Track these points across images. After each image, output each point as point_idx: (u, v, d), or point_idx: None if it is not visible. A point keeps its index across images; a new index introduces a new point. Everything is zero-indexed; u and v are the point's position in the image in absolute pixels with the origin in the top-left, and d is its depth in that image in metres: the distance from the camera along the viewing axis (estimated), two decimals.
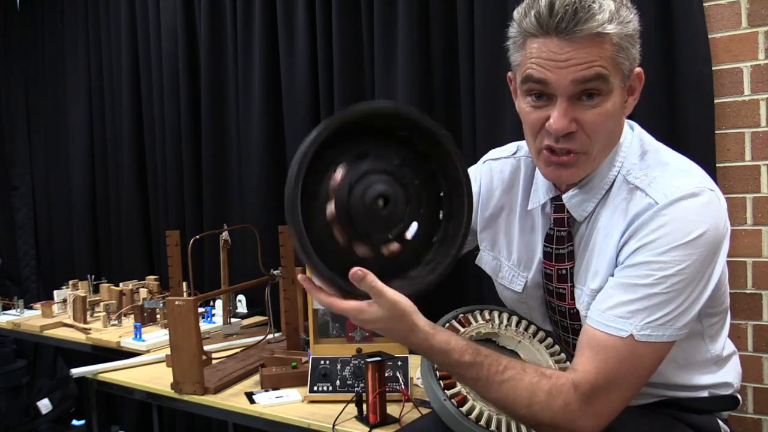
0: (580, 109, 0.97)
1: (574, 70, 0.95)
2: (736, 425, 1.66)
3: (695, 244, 0.95)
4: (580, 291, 1.09)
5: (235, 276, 2.32)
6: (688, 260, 0.95)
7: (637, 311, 0.96)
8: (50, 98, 3.39)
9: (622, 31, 0.96)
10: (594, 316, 0.99)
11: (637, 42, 0.99)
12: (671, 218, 0.96)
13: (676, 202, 0.97)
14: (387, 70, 2.11)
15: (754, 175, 1.65)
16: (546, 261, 1.14)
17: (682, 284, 0.95)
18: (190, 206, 2.71)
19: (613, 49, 0.95)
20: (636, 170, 1.04)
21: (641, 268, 0.97)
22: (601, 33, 0.93)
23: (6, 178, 3.53)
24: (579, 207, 1.08)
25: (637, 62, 1.01)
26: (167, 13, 2.74)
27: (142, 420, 3.00)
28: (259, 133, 2.45)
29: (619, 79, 0.98)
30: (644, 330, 0.95)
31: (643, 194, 1.00)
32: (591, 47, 0.94)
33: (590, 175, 1.06)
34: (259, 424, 1.51)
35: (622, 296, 0.97)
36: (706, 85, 1.63)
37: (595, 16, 0.93)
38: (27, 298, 3.02)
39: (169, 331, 1.61)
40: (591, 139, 0.99)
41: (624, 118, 1.06)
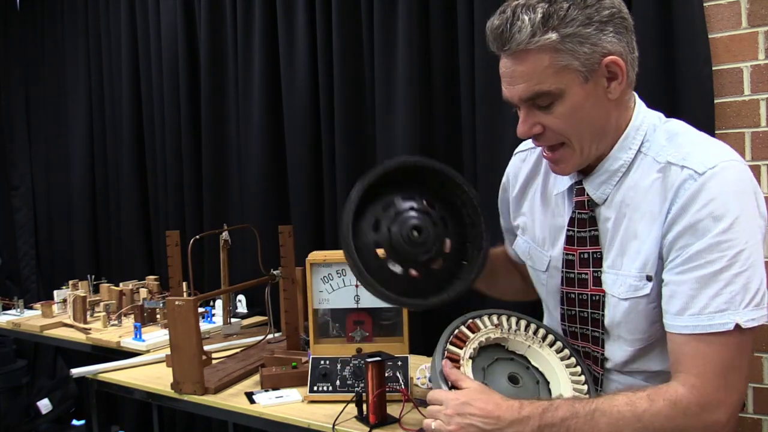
0: (540, 115, 1.04)
1: (518, 90, 1.02)
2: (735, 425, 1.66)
3: (751, 210, 0.96)
4: (615, 276, 1.08)
5: (235, 276, 2.32)
6: (750, 229, 0.95)
7: (731, 299, 0.94)
8: (50, 98, 3.39)
9: (560, 33, 0.97)
10: (688, 323, 0.97)
11: (593, 35, 0.98)
12: (719, 189, 0.95)
13: (716, 169, 0.97)
14: (387, 70, 2.11)
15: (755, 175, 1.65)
16: (568, 246, 1.15)
17: (754, 255, 0.95)
18: (190, 206, 2.72)
19: (549, 58, 0.98)
20: (666, 149, 1.04)
21: (709, 253, 0.95)
22: (528, 48, 0.98)
23: (6, 178, 3.53)
24: (597, 190, 1.10)
25: (607, 50, 1.00)
26: (167, 14, 2.74)
27: (142, 420, 3.00)
28: (259, 133, 2.46)
29: (572, 77, 1.00)
30: (746, 315, 0.94)
31: (678, 168, 1.00)
32: (526, 62, 1.00)
33: (603, 160, 1.09)
34: (259, 424, 1.51)
35: (708, 291, 0.95)
36: (706, 85, 1.63)
37: (515, 35, 0.98)
38: (27, 298, 3.03)
39: (169, 331, 1.60)
40: (563, 135, 1.05)
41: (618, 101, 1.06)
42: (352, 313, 1.56)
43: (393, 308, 1.56)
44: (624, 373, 1.13)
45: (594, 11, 0.98)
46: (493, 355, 1.17)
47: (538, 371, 1.16)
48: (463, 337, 1.15)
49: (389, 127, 2.12)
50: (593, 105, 1.03)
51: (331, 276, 1.55)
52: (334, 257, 1.55)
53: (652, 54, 1.67)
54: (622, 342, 1.11)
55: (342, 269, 1.55)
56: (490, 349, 1.18)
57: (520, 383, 1.11)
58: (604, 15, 0.99)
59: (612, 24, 1.00)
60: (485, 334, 1.17)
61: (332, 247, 2.26)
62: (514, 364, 1.16)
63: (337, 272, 1.55)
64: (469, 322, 1.19)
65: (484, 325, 1.19)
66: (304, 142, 2.34)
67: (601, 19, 0.99)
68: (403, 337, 1.54)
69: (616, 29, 1.00)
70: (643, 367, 1.11)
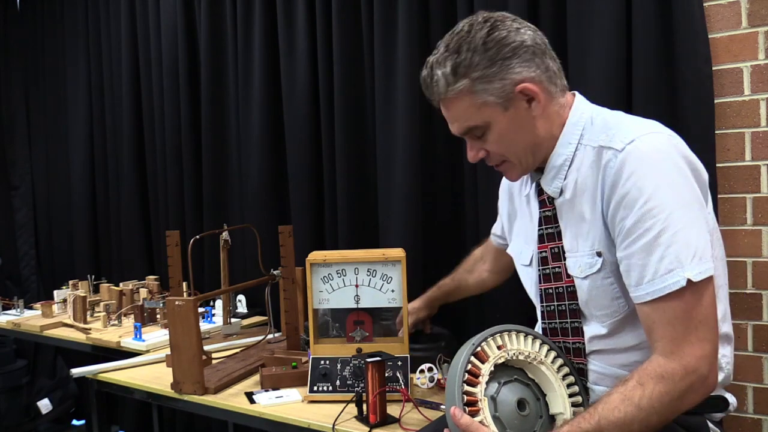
0: (479, 142, 1.20)
1: (454, 128, 1.21)
2: (736, 425, 1.66)
3: (675, 174, 1.04)
4: (574, 258, 1.17)
5: (235, 276, 2.32)
6: (678, 188, 1.03)
7: (676, 257, 1.01)
8: (50, 98, 3.39)
9: (470, 77, 1.12)
10: (647, 290, 1.03)
11: (497, 74, 1.12)
12: (637, 162, 1.04)
13: (634, 143, 1.06)
14: (387, 70, 2.11)
15: (754, 175, 1.65)
16: (540, 245, 1.25)
17: (686, 215, 1.02)
18: (190, 206, 2.72)
19: (469, 99, 1.14)
20: (598, 135, 1.14)
21: (643, 222, 1.03)
22: (447, 98, 1.16)
23: (6, 178, 3.53)
24: (550, 185, 1.21)
25: (518, 79, 1.13)
26: (167, 13, 2.74)
27: (142, 420, 3.00)
28: (259, 133, 2.46)
29: (493, 110, 1.14)
30: (694, 269, 1.00)
31: (606, 149, 1.10)
32: (452, 107, 1.18)
33: (548, 159, 1.20)
34: (259, 424, 1.51)
35: (653, 256, 1.02)
36: (706, 85, 1.63)
37: (434, 89, 1.17)
38: (27, 298, 3.03)
39: (169, 331, 1.61)
40: (502, 155, 1.20)
41: (546, 113, 1.17)
42: (352, 313, 1.56)
43: (393, 308, 1.56)
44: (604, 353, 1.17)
45: (495, 52, 1.11)
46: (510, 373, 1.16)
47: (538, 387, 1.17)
48: (476, 372, 1.12)
49: (389, 127, 2.12)
50: (520, 126, 1.16)
51: (331, 276, 1.55)
52: (334, 257, 1.55)
53: (652, 54, 1.67)
54: (595, 320, 1.17)
55: (342, 269, 1.55)
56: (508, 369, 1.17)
57: (526, 410, 1.12)
58: (506, 52, 1.12)
59: (516, 57, 1.12)
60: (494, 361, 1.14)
61: (332, 247, 2.26)
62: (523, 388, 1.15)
63: (337, 272, 1.55)
64: (478, 351, 1.14)
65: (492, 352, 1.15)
66: (304, 142, 2.34)
67: (503, 56, 1.12)
68: (403, 337, 1.54)
69: (522, 59, 1.13)
70: (620, 344, 1.15)
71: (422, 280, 2.01)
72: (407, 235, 2.05)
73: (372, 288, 1.54)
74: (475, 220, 1.97)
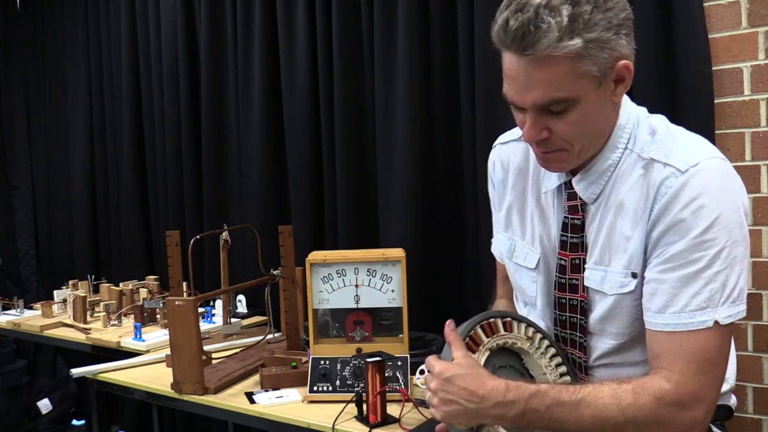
0: (550, 120, 1.00)
1: (532, 95, 0.98)
2: (736, 425, 1.66)
3: (732, 208, 0.97)
4: (603, 272, 1.08)
5: (235, 276, 2.32)
6: (731, 227, 0.97)
7: (710, 297, 0.96)
8: (50, 98, 3.39)
9: (585, 37, 0.94)
10: (670, 320, 0.99)
11: (613, 39, 0.96)
12: (701, 188, 0.97)
13: (699, 167, 0.98)
14: (387, 70, 2.10)
15: (754, 175, 1.65)
16: (562, 251, 1.15)
17: (734, 253, 0.97)
18: (190, 206, 2.72)
19: (570, 64, 0.95)
20: (649, 145, 1.05)
21: (691, 253, 0.97)
22: (552, 55, 0.94)
23: (6, 178, 3.53)
24: (587, 190, 1.10)
25: (622, 53, 0.99)
26: (167, 13, 2.74)
27: (142, 420, 3.00)
28: (259, 133, 2.45)
29: (589, 83, 0.98)
30: (724, 312, 0.97)
31: (661, 165, 1.01)
32: (544, 68, 0.95)
33: (592, 160, 1.08)
34: (259, 424, 1.51)
35: (688, 289, 0.97)
36: (706, 85, 1.63)
37: (541, 40, 0.93)
38: (27, 298, 3.02)
39: (169, 331, 1.61)
40: (568, 141, 1.03)
41: (615, 105, 1.06)
42: (352, 313, 1.56)
43: (393, 308, 1.56)
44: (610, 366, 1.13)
45: (613, 15, 0.96)
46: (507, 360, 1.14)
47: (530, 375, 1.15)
48: (494, 329, 1.12)
49: (389, 127, 2.12)
50: (601, 109, 1.03)
51: (331, 276, 1.55)
52: (334, 257, 1.55)
53: (652, 54, 1.67)
54: (607, 336, 1.12)
55: (342, 269, 1.55)
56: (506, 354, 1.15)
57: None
58: (621, 18, 0.98)
59: (625, 27, 0.99)
60: (514, 338, 1.13)
61: (332, 247, 2.26)
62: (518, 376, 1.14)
63: (337, 272, 1.55)
64: (506, 320, 1.14)
65: (519, 331, 1.14)
66: (304, 141, 2.34)
67: (618, 22, 0.97)
68: (403, 337, 1.54)
69: (627, 32, 1.00)
70: (627, 359, 1.11)
71: (422, 280, 2.02)
72: (407, 235, 2.05)
73: (372, 288, 1.54)
74: (475, 220, 1.97)
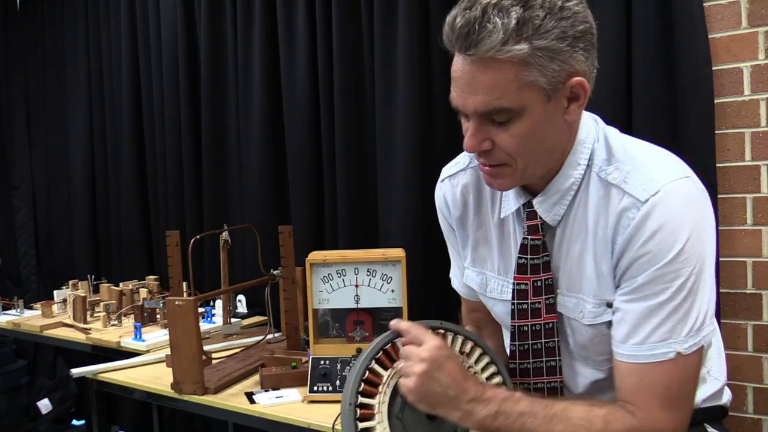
0: (493, 130, 0.94)
1: (474, 101, 0.92)
2: (736, 425, 1.66)
3: (693, 239, 0.92)
4: (576, 300, 1.04)
5: (235, 276, 2.32)
6: (694, 256, 0.93)
7: (672, 329, 0.93)
8: (50, 99, 3.39)
9: (532, 45, 0.87)
10: (631, 351, 0.96)
11: (565, 51, 0.89)
12: (662, 221, 0.92)
13: (659, 195, 0.93)
14: (387, 70, 2.11)
15: (754, 175, 1.65)
16: (520, 275, 1.08)
17: (698, 281, 0.94)
18: (190, 206, 2.72)
19: (515, 71, 0.88)
20: (606, 166, 1.00)
21: (654, 285, 0.94)
22: (496, 58, 0.88)
23: (6, 178, 3.53)
24: (550, 211, 1.04)
25: (575, 70, 0.92)
26: (167, 13, 2.74)
27: (142, 420, 3.00)
28: (259, 133, 2.45)
29: (536, 95, 0.91)
30: (687, 342, 0.94)
31: (619, 191, 0.96)
32: (487, 71, 0.89)
33: (552, 179, 1.03)
34: (259, 424, 1.51)
35: (651, 321, 0.94)
36: (706, 85, 1.63)
37: (484, 40, 0.87)
38: (27, 298, 3.02)
39: (169, 331, 1.61)
40: (511, 156, 0.96)
41: (569, 124, 0.99)
42: (352, 313, 1.56)
43: (393, 308, 1.56)
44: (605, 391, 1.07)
45: (569, 25, 0.89)
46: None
47: None
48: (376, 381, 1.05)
49: (389, 127, 2.12)
50: (549, 126, 0.95)
51: (331, 276, 1.55)
52: (334, 257, 1.55)
53: (652, 54, 1.67)
54: (591, 364, 1.08)
55: (342, 269, 1.55)
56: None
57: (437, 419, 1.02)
58: (579, 30, 0.90)
59: (583, 41, 0.92)
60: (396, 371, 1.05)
61: (332, 247, 2.26)
62: None
63: (337, 272, 1.55)
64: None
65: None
66: (304, 141, 2.34)
67: (575, 34, 0.90)
68: None
69: (586, 47, 0.92)
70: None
71: (422, 280, 2.02)
72: (407, 235, 2.05)
73: (372, 288, 1.54)
74: None
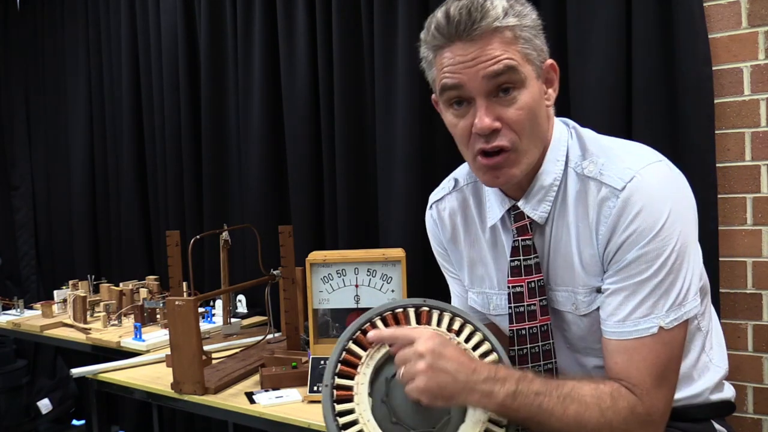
0: (501, 107, 0.99)
1: (483, 66, 0.97)
2: (736, 425, 1.66)
3: (673, 216, 0.97)
4: (568, 293, 1.07)
5: (235, 276, 2.32)
6: (674, 234, 0.97)
7: (654, 304, 0.98)
8: (50, 98, 3.39)
9: (521, 22, 0.99)
10: (615, 329, 1.00)
11: (540, 33, 1.02)
12: (642, 204, 0.97)
13: (636, 184, 0.98)
14: (387, 70, 2.11)
15: (754, 175, 1.65)
16: (514, 278, 1.10)
17: (680, 258, 0.98)
18: (190, 206, 2.72)
19: (516, 41, 0.98)
20: (581, 161, 1.05)
21: (637, 264, 0.98)
22: (500, 27, 0.97)
23: (6, 178, 3.53)
24: (537, 209, 1.08)
25: (547, 54, 1.04)
26: (167, 13, 2.74)
27: (142, 420, 3.00)
28: (259, 133, 2.45)
29: (531, 69, 1.00)
30: (668, 317, 0.97)
31: (597, 183, 1.01)
32: (493, 42, 0.97)
33: (535, 177, 1.07)
34: (259, 424, 1.51)
35: (633, 299, 0.98)
36: (706, 85, 1.63)
37: (489, 12, 0.96)
38: (27, 298, 3.02)
39: (169, 331, 1.61)
40: (517, 134, 1.00)
41: (548, 110, 1.07)
42: (352, 313, 1.56)
43: None
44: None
45: (536, 15, 1.02)
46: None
47: None
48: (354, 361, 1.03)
49: (390, 127, 2.12)
50: (540, 107, 1.03)
51: (331, 276, 1.55)
52: (334, 257, 1.55)
53: (653, 54, 1.67)
54: (592, 354, 1.10)
55: (342, 269, 1.55)
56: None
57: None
58: (539, 22, 1.03)
59: (542, 31, 1.03)
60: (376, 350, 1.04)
61: (332, 247, 2.26)
62: None
63: (337, 272, 1.55)
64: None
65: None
66: (304, 141, 2.34)
67: (535, 19, 1.02)
68: None
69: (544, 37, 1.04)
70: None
71: (422, 280, 2.01)
72: (407, 235, 2.05)
73: (372, 288, 1.54)
74: None
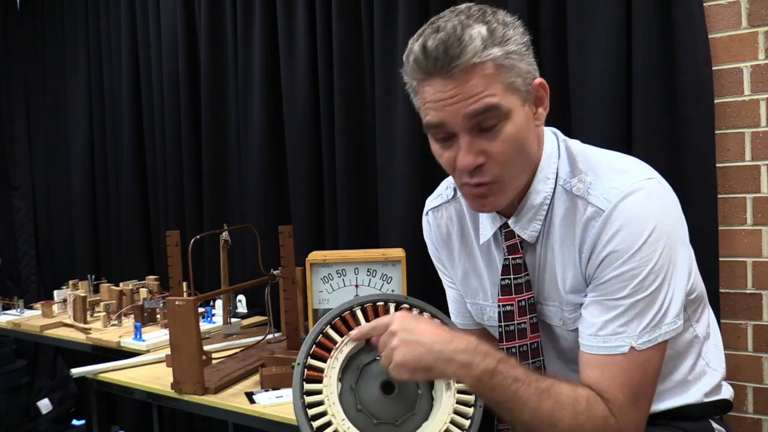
0: (484, 141, 0.96)
1: (463, 105, 0.94)
2: (736, 425, 1.66)
3: (653, 238, 0.95)
4: (556, 308, 1.08)
5: (235, 276, 2.32)
6: (654, 256, 0.95)
7: (627, 323, 0.96)
8: (50, 98, 3.39)
9: (504, 49, 0.94)
10: (588, 342, 1.00)
11: (526, 55, 0.97)
12: (621, 223, 0.96)
13: (620, 204, 0.97)
14: (387, 70, 2.10)
15: (754, 175, 1.65)
16: (504, 297, 1.11)
17: (657, 280, 0.96)
18: (190, 206, 2.72)
19: (497, 73, 0.94)
20: (570, 178, 1.04)
21: (613, 283, 0.97)
22: (478, 63, 0.93)
23: (6, 178, 3.53)
24: (527, 228, 1.07)
25: (536, 72, 0.99)
26: (167, 13, 2.74)
27: (142, 420, 3.00)
28: (259, 133, 2.46)
29: (516, 98, 0.96)
30: (641, 338, 0.96)
31: (584, 202, 1.01)
32: (473, 79, 0.93)
33: (525, 196, 1.06)
34: (259, 424, 1.51)
35: (607, 315, 0.98)
36: (706, 85, 1.63)
37: (466, 48, 0.92)
38: (27, 298, 3.02)
39: (169, 331, 1.61)
40: (502, 166, 0.98)
41: (538, 130, 1.04)
42: None
43: None
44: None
45: (520, 35, 0.97)
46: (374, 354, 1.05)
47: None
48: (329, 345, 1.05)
49: (390, 127, 2.12)
50: (528, 133, 0.99)
51: (331, 276, 1.55)
52: (334, 257, 1.55)
53: (653, 54, 1.67)
54: None
55: (342, 269, 1.55)
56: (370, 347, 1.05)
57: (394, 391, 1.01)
58: (526, 40, 0.98)
59: (529, 48, 0.99)
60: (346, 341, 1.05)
61: (332, 247, 2.26)
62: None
63: (337, 272, 1.55)
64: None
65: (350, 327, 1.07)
66: (304, 141, 2.34)
67: (526, 42, 0.98)
68: None
69: (532, 54, 0.99)
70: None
71: (422, 280, 2.01)
72: (407, 235, 2.05)
73: (372, 288, 1.54)
74: None
